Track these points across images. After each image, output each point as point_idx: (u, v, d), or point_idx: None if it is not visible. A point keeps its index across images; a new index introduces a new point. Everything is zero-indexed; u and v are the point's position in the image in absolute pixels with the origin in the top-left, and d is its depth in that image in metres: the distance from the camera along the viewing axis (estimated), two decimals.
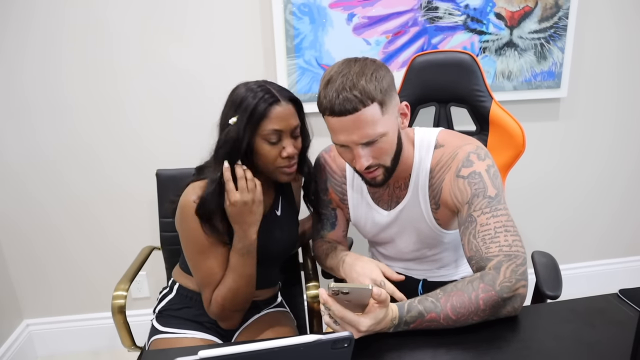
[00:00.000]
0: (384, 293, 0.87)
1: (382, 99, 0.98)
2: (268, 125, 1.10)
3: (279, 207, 1.29)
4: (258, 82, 1.15)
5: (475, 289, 0.92)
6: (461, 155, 1.07)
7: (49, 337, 2.04)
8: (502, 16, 1.83)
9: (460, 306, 0.91)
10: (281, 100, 1.11)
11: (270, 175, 1.18)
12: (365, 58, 1.02)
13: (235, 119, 1.11)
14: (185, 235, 1.17)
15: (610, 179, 2.20)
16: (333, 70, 1.00)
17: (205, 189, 1.13)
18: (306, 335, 0.67)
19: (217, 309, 1.18)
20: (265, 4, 1.73)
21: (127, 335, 1.31)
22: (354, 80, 0.96)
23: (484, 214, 1.00)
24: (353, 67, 0.98)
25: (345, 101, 0.95)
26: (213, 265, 1.16)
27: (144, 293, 2.04)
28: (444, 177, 1.09)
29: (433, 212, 1.14)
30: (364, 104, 0.96)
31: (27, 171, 1.83)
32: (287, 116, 1.11)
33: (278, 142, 1.12)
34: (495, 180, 1.04)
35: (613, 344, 0.88)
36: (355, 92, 0.95)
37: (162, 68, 1.76)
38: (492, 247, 0.97)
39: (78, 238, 1.93)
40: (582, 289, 2.24)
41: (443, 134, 1.14)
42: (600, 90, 2.04)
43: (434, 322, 0.91)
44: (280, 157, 1.13)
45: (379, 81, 0.97)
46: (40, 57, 1.70)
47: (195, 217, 1.12)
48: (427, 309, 0.91)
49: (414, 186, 1.14)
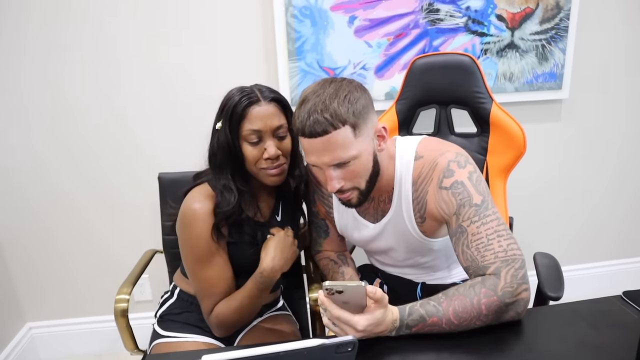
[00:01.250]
0: (379, 291, 0.86)
1: (355, 122, 0.96)
2: (247, 126, 1.10)
3: (279, 212, 1.28)
4: (249, 85, 1.15)
5: (477, 293, 0.91)
6: (441, 164, 1.04)
7: (51, 340, 2.04)
8: (503, 18, 1.83)
9: (462, 311, 0.90)
10: (261, 100, 1.10)
11: (257, 178, 1.17)
12: (342, 79, 1.01)
13: (220, 124, 1.12)
14: (185, 244, 1.16)
15: (612, 179, 2.19)
16: (309, 91, 0.99)
17: (210, 195, 1.14)
18: (310, 340, 0.67)
19: (216, 323, 1.17)
20: (267, 7, 1.73)
21: (130, 338, 1.31)
22: (327, 102, 0.95)
23: (473, 223, 0.99)
24: (327, 88, 0.97)
25: (316, 123, 0.94)
26: (212, 275, 1.15)
27: (147, 296, 2.04)
28: (427, 190, 1.07)
29: (418, 225, 1.13)
30: (334, 127, 0.95)
31: (30, 174, 1.83)
32: (266, 116, 1.10)
33: (259, 142, 1.12)
34: (479, 186, 1.02)
35: (617, 347, 0.88)
36: (326, 115, 0.94)
37: (163, 71, 1.76)
38: (487, 254, 0.96)
39: (81, 241, 1.93)
40: (585, 291, 2.23)
41: (423, 143, 1.11)
42: (601, 91, 2.04)
43: (436, 326, 0.91)
44: (262, 158, 1.12)
45: (352, 104, 0.96)
46: (39, 59, 1.70)
47: (197, 225, 1.12)
48: (429, 313, 0.90)
49: (397, 199, 1.12)
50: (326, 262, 1.33)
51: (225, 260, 1.17)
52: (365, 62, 1.81)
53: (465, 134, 1.57)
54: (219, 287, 1.16)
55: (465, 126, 1.57)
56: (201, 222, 1.12)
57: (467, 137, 1.56)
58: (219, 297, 1.17)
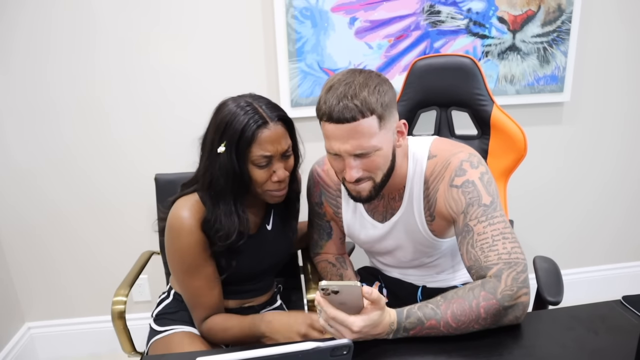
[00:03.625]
0: (375, 292, 0.85)
1: (382, 113, 0.97)
2: (257, 151, 1.06)
3: (270, 221, 1.27)
4: (245, 97, 1.10)
5: (477, 296, 0.91)
6: (454, 164, 1.05)
7: (50, 340, 2.04)
8: (504, 20, 1.82)
9: (460, 314, 0.90)
10: (269, 122, 1.06)
11: (259, 196, 1.15)
12: (371, 71, 1.02)
13: (223, 148, 1.06)
14: (173, 255, 1.14)
15: (614, 183, 2.18)
16: (336, 78, 0.99)
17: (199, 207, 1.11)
18: (305, 342, 0.67)
19: (206, 334, 1.17)
20: (267, 8, 1.73)
21: (127, 340, 1.30)
22: (357, 89, 0.95)
23: (480, 223, 0.99)
24: (357, 77, 0.98)
25: (345, 109, 0.94)
26: (200, 285, 1.14)
27: (146, 297, 2.04)
28: (438, 188, 1.08)
29: (428, 224, 1.13)
30: (362, 115, 0.95)
31: (27, 175, 1.83)
32: (276, 140, 1.07)
33: (267, 165, 1.09)
34: (490, 187, 1.02)
35: (616, 351, 0.87)
36: (356, 102, 0.94)
37: (162, 72, 1.76)
38: (491, 255, 0.96)
39: (79, 241, 1.93)
40: (585, 295, 2.23)
41: (436, 143, 1.13)
42: (603, 93, 2.03)
43: (434, 330, 0.90)
44: (270, 180, 1.11)
45: (381, 95, 0.97)
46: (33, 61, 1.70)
47: (184, 237, 1.10)
48: (426, 316, 0.90)
49: (408, 197, 1.13)
50: (325, 264, 1.33)
51: (214, 271, 1.16)
52: (365, 63, 1.80)
53: (466, 136, 1.56)
54: (208, 297, 1.15)
55: (465, 128, 1.56)
56: (189, 234, 1.10)
57: (467, 140, 1.55)
58: (209, 308, 1.16)
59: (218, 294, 1.17)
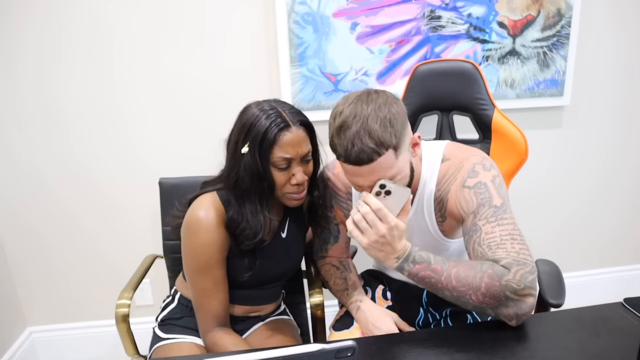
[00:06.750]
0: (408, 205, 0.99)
1: (397, 143, 0.95)
2: (278, 153, 1.07)
3: (285, 229, 1.28)
4: (269, 102, 1.12)
5: (484, 271, 0.94)
6: (467, 166, 1.07)
7: (52, 344, 2.04)
8: (504, 25, 1.83)
9: (464, 277, 0.95)
10: (291, 125, 1.08)
11: (278, 199, 1.17)
12: (377, 95, 0.98)
13: (247, 148, 1.09)
14: (188, 251, 1.16)
15: (614, 186, 2.19)
16: (345, 113, 0.96)
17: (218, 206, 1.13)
18: (309, 345, 0.67)
19: (210, 347, 1.17)
20: (269, 13, 1.74)
21: (131, 343, 1.31)
22: (369, 128, 0.93)
23: (489, 223, 1.00)
24: (366, 108, 0.95)
25: (361, 152, 0.93)
26: (208, 287, 1.15)
27: (148, 301, 2.04)
28: (449, 189, 1.10)
29: (439, 224, 1.15)
30: (379, 154, 0.94)
31: (31, 179, 1.84)
32: (297, 143, 1.08)
33: (287, 168, 1.11)
34: (501, 189, 1.04)
35: (618, 354, 0.88)
36: (371, 144, 0.93)
37: (166, 76, 1.77)
38: (499, 252, 0.97)
39: (82, 245, 1.94)
40: (586, 298, 2.22)
41: (449, 147, 1.15)
42: (603, 97, 2.04)
43: (435, 276, 0.96)
44: (289, 183, 1.12)
45: (393, 125, 0.94)
46: (38, 64, 1.71)
47: (201, 235, 1.11)
48: (435, 260, 0.97)
49: (419, 199, 1.14)
50: (328, 267, 1.33)
51: (223, 275, 1.17)
52: (367, 68, 1.81)
53: (467, 140, 1.57)
54: (213, 300, 1.16)
55: (467, 132, 1.57)
56: (206, 232, 1.12)
57: (469, 144, 1.56)
58: (213, 313, 1.16)
59: (223, 299, 1.18)
